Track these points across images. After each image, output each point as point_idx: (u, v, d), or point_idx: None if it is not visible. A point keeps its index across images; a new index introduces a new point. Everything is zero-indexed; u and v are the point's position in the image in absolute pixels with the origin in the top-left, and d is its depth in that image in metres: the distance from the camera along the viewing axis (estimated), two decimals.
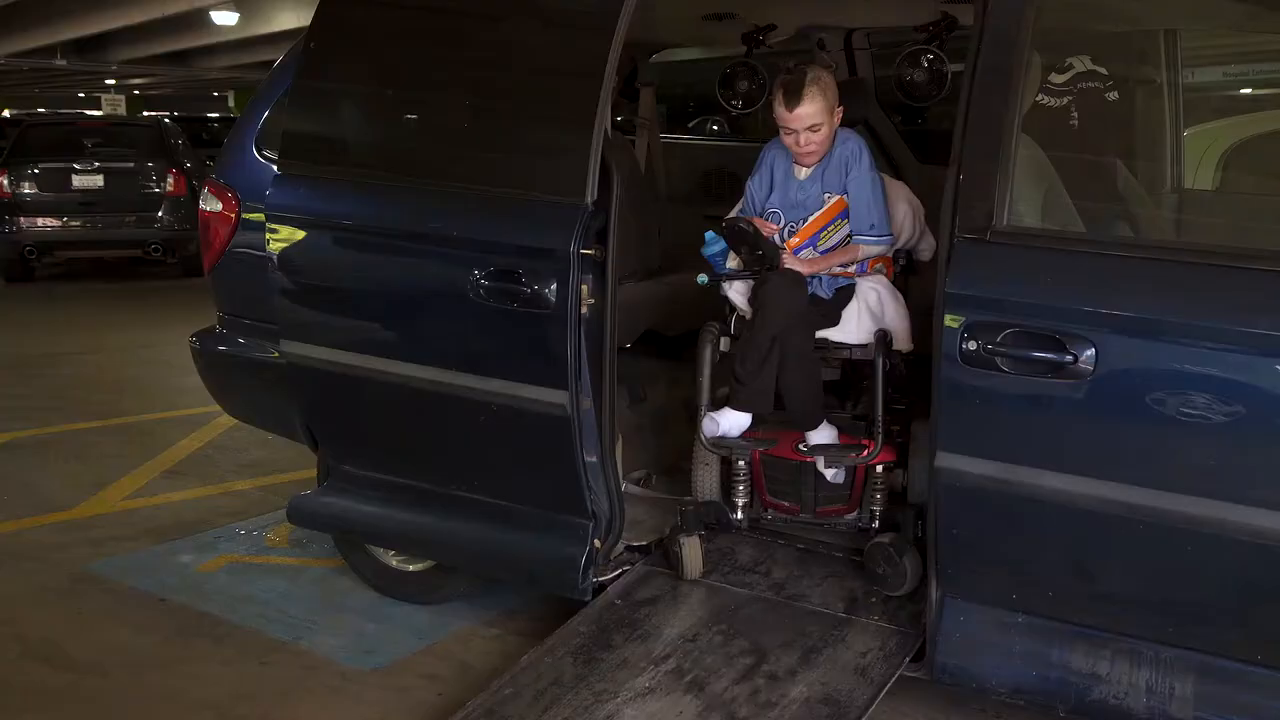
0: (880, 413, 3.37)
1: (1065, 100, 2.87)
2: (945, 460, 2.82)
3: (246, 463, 5.68)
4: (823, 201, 3.48)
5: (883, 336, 3.41)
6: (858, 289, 3.47)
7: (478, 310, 3.25)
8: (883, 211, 3.46)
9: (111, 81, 25.63)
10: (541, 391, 3.20)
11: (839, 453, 3.48)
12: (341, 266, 3.64)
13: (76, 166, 12.65)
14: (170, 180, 12.72)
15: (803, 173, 3.53)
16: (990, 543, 2.89)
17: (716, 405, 3.58)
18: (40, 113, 25.15)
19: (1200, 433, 2.56)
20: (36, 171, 12.58)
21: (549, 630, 3.28)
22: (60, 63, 17.85)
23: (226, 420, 5.89)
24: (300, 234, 3.61)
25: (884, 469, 3.53)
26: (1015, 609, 2.90)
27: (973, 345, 2.72)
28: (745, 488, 3.63)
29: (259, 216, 3.73)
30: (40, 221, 12.52)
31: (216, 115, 26.81)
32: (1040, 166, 2.91)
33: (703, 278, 3.54)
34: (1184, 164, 3.01)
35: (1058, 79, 2.87)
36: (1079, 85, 2.89)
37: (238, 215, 3.96)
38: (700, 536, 3.45)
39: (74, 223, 12.61)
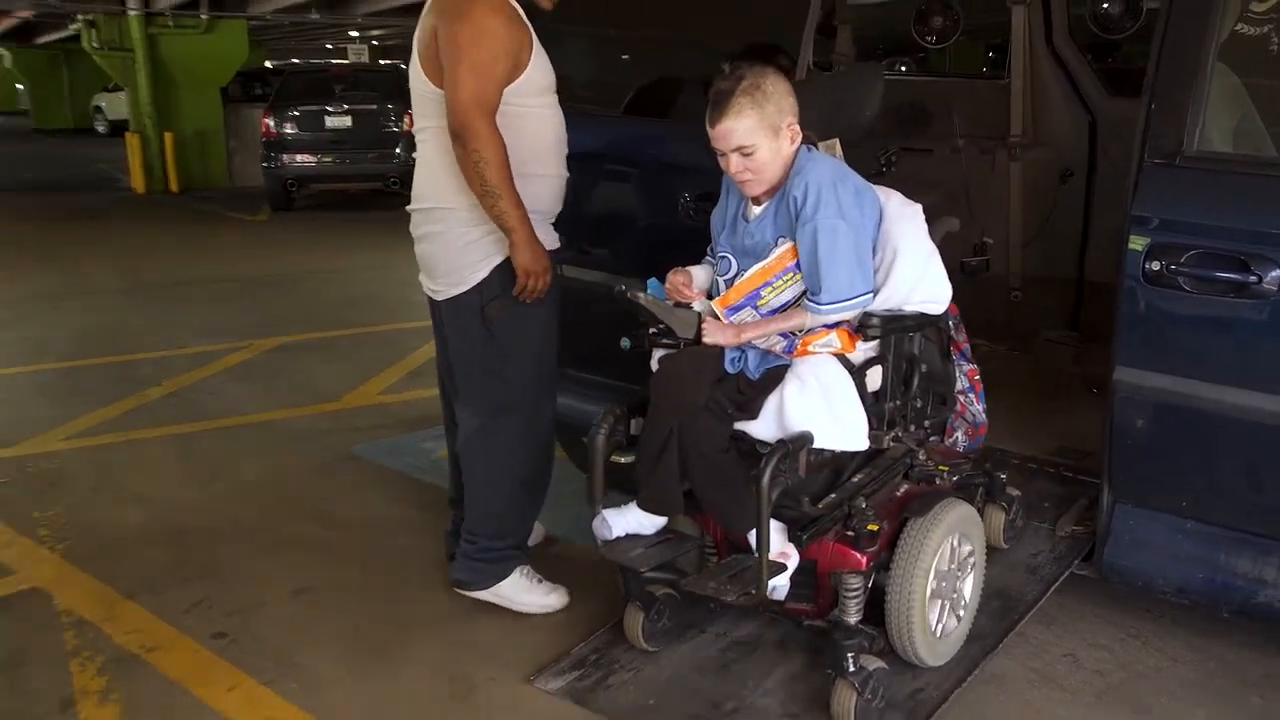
0: (766, 544, 2.35)
1: (1266, 28, 2.69)
2: (1124, 374, 2.76)
3: None
4: (773, 248, 2.50)
5: (782, 445, 2.32)
6: (788, 373, 2.43)
7: (688, 228, 3.32)
8: (848, 270, 2.40)
9: (355, 34, 26.49)
10: None
11: (725, 588, 2.46)
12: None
13: (329, 109, 13.16)
14: (407, 120, 12.86)
15: (754, 210, 2.54)
16: (1164, 453, 2.82)
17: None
18: (295, 63, 26.26)
19: None
20: (296, 114, 13.11)
21: None
22: (314, 17, 18.42)
23: None
24: None
25: (858, 575, 2.51)
26: (1185, 515, 2.84)
27: (1156, 265, 2.64)
28: (714, 560, 2.77)
29: None
30: (299, 158, 13.07)
31: None
32: (1235, 93, 2.77)
33: (625, 342, 2.69)
34: None
35: (1259, 7, 2.68)
36: None
37: None
38: (642, 606, 2.76)
39: (326, 159, 13.10)
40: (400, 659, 2.95)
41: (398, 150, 13.00)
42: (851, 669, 2.44)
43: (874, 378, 2.51)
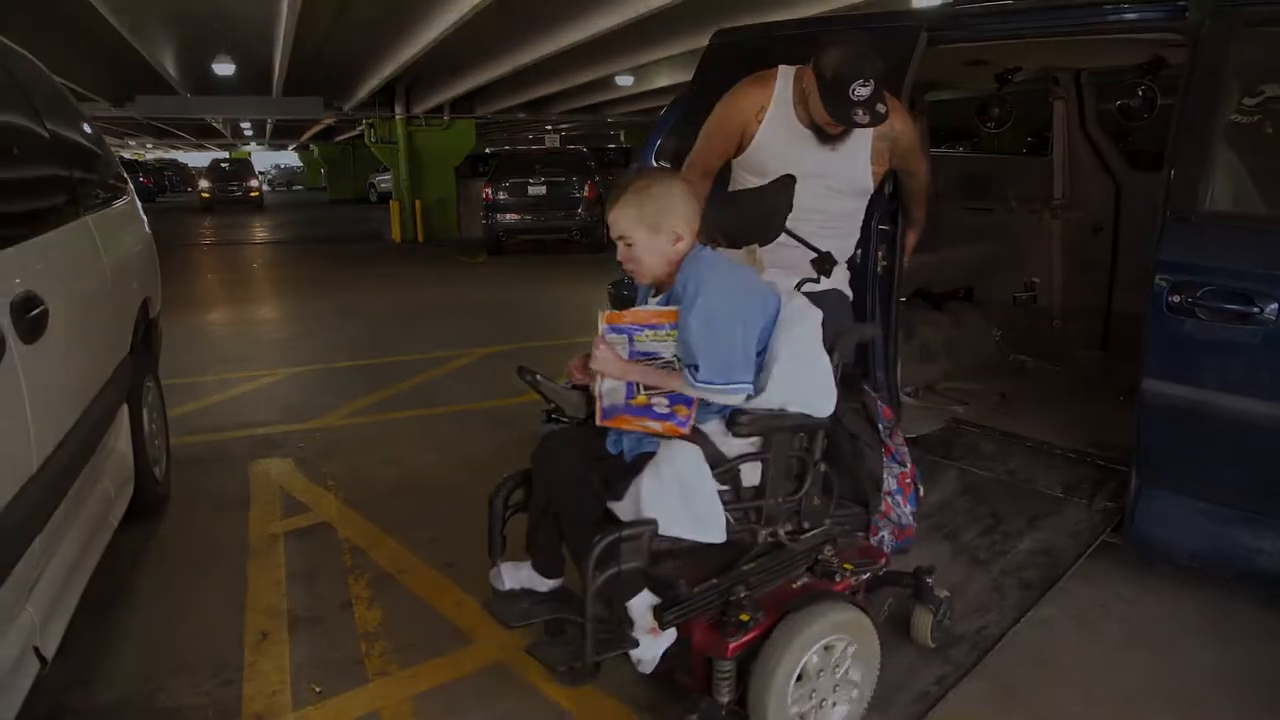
0: (592, 620, 1.86)
1: (1256, 118, 2.56)
2: (1150, 385, 2.62)
3: None
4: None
5: (615, 530, 1.85)
6: (650, 460, 1.92)
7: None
8: (726, 355, 1.91)
9: (549, 127, 27.06)
10: None
11: (560, 657, 2.01)
12: None
13: (530, 181, 13.33)
14: (586, 188, 13.16)
15: (651, 301, 2.09)
16: (1181, 446, 2.65)
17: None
18: (506, 148, 27.01)
19: None
20: (506, 184, 13.35)
21: None
22: (520, 115, 18.94)
23: None
24: None
25: (727, 660, 1.96)
26: (1197, 497, 2.66)
27: (1177, 299, 2.50)
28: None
29: None
30: (508, 216, 13.32)
31: (613, 146, 27.97)
32: (1233, 165, 2.63)
33: (542, 415, 2.33)
34: None
35: (1249, 101, 2.56)
36: (1268, 106, 2.57)
37: None
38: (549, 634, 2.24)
39: (527, 217, 13.30)
40: None
41: (579, 211, 13.13)
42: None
43: (751, 473, 2.00)
